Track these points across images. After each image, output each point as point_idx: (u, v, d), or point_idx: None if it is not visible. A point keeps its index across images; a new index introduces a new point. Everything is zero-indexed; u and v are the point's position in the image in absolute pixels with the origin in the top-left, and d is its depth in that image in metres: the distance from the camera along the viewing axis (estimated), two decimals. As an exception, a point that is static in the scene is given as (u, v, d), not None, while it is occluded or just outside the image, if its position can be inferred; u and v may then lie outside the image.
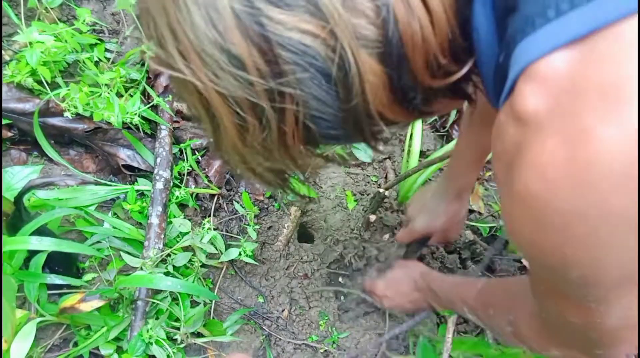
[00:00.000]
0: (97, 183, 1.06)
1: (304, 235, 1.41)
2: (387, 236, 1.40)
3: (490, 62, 0.45)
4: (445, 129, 1.53)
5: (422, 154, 1.45)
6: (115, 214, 1.13)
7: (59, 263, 0.97)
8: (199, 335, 1.09)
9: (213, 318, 1.14)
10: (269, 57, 0.40)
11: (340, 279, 1.34)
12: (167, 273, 1.04)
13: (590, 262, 0.39)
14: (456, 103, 0.54)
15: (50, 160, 1.12)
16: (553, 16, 0.35)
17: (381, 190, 1.31)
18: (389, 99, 0.45)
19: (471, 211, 1.49)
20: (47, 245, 0.84)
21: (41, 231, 0.89)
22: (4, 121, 1.07)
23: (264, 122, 0.44)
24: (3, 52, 1.15)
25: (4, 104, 1.08)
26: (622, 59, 0.31)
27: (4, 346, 0.85)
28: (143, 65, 1.22)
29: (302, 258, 1.30)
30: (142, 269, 1.01)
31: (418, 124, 1.42)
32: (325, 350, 1.19)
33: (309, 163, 0.53)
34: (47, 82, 1.10)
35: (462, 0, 0.43)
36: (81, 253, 1.04)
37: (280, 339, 1.18)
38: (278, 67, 0.40)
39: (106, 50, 1.22)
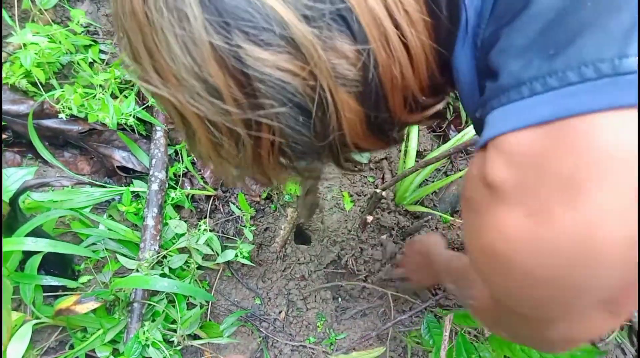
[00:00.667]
0: (92, 185, 1.05)
1: (301, 236, 1.41)
2: (384, 236, 1.40)
3: (472, 100, 0.47)
4: (442, 129, 1.53)
5: (419, 154, 1.45)
6: (110, 216, 1.12)
7: (55, 265, 0.96)
8: (195, 337, 1.08)
9: (210, 320, 1.13)
10: (247, 90, 0.40)
11: (337, 280, 1.34)
12: (163, 275, 1.04)
13: (542, 308, 0.44)
14: (430, 122, 0.56)
15: (45, 162, 1.11)
16: (527, 94, 0.36)
17: (378, 191, 1.31)
18: (365, 132, 0.46)
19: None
20: (42, 246, 0.83)
21: (36, 233, 0.88)
22: (-2, 123, 1.06)
23: (239, 144, 0.44)
24: (-3, 54, 1.15)
25: (-3, 106, 1.07)
26: (581, 152, 0.33)
27: None
28: (138, 66, 1.21)
29: (299, 260, 1.30)
30: (138, 271, 1.01)
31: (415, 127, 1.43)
32: (323, 352, 1.18)
33: (282, 177, 0.54)
34: (41, 84, 1.10)
35: (443, 42, 0.44)
36: (76, 255, 1.03)
37: (277, 341, 1.18)
38: (256, 99, 0.40)
39: (100, 51, 1.21)
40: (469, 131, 1.35)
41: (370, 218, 1.37)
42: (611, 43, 0.33)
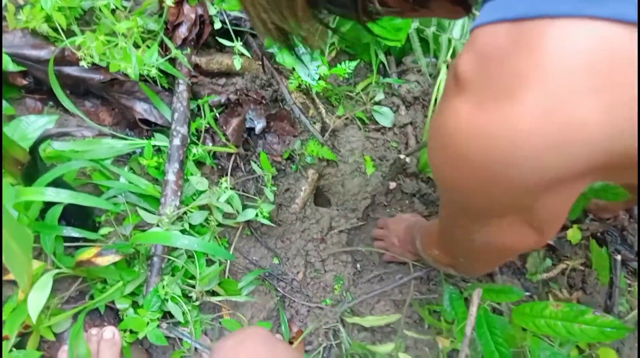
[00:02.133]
0: (113, 136, 1.03)
1: (320, 198, 1.39)
2: (406, 201, 1.38)
3: None
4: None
5: (446, 120, 1.40)
6: (131, 168, 1.11)
7: (75, 215, 0.95)
8: (213, 293, 1.08)
9: (228, 277, 1.13)
10: None
11: (355, 244, 1.32)
12: (183, 231, 1.03)
13: (463, 193, 0.49)
14: (454, 13, 0.55)
15: (66, 111, 1.09)
16: None
17: (402, 156, 1.28)
18: None
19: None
20: (63, 197, 0.82)
21: (57, 183, 0.87)
22: (19, 68, 1.04)
23: None
24: (17, -4, 1.11)
25: (18, 51, 1.04)
26: (537, 53, 0.35)
27: (21, 297, 0.84)
28: (161, 15, 1.17)
29: (317, 221, 1.28)
30: (158, 226, 1.00)
31: (441, 90, 1.37)
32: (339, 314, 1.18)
33: (312, 26, 0.54)
34: (62, 29, 1.06)
35: None
36: (97, 207, 1.02)
37: (294, 301, 1.17)
38: None
39: (126, -4, 1.17)
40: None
41: (393, 185, 1.34)
42: None
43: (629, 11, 0.32)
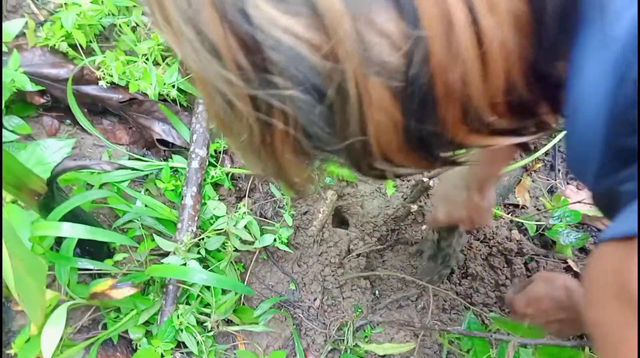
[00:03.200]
0: (132, 168, 1.00)
1: (338, 218, 1.36)
2: (425, 226, 1.34)
3: (590, 147, 0.34)
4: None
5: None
6: (147, 190, 1.08)
7: (90, 242, 0.93)
8: (229, 321, 1.05)
9: (243, 304, 1.10)
10: (254, 58, 0.30)
11: (373, 268, 1.29)
12: (199, 260, 1.00)
13: None
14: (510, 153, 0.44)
15: (83, 129, 1.07)
16: None
17: (425, 179, 1.23)
18: (400, 144, 0.34)
19: (516, 206, 1.41)
20: (79, 232, 0.80)
21: (73, 213, 0.84)
22: (38, 88, 1.01)
23: (247, 124, 0.34)
24: (37, 11, 1.09)
25: (37, 69, 1.02)
26: None
27: (34, 331, 0.83)
28: (182, 32, 1.14)
29: (336, 244, 1.25)
30: (175, 254, 0.97)
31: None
32: (356, 344, 1.15)
33: (302, 174, 0.41)
34: (81, 47, 1.04)
35: (544, 52, 0.31)
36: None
37: (310, 329, 1.14)
38: (265, 73, 0.30)
39: (144, 14, 1.14)
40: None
41: (414, 207, 1.30)
42: None
43: None
